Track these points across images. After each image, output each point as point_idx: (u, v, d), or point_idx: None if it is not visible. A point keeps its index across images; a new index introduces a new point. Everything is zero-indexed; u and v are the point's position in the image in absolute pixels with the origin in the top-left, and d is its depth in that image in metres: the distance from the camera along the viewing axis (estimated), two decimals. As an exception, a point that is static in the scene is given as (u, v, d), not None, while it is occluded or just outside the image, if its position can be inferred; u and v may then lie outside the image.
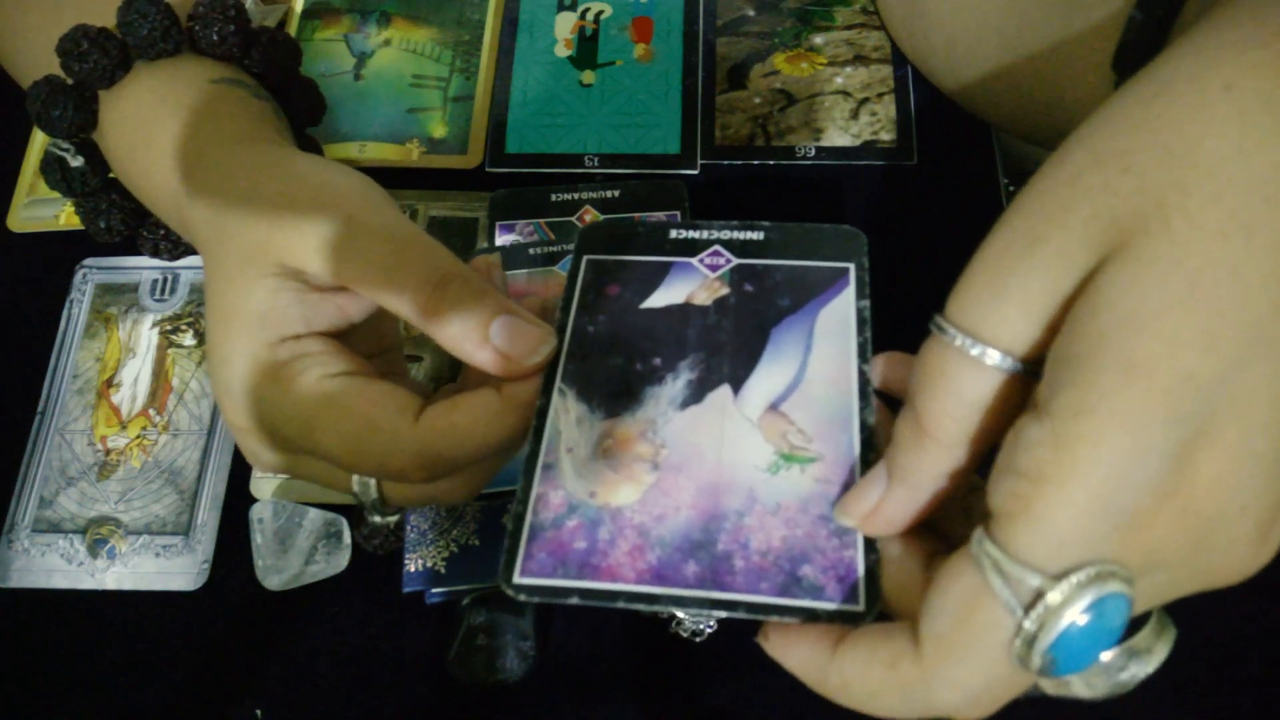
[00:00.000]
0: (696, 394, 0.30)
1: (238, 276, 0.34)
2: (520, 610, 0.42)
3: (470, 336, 0.32)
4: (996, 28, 0.44)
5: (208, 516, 0.46)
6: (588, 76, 0.56)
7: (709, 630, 0.42)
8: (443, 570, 0.44)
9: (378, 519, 0.36)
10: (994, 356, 0.24)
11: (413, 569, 0.44)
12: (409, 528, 0.45)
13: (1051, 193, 0.24)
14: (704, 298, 0.33)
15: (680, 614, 0.42)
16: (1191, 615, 0.27)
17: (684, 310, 0.32)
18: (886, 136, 0.53)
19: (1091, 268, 0.23)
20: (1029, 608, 0.22)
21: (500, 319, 0.31)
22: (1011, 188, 0.51)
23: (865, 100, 0.54)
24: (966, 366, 0.24)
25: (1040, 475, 0.22)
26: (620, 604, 0.26)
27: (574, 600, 0.27)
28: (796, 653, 0.26)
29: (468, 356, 0.32)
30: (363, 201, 0.34)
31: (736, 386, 0.30)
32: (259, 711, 0.43)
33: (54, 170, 0.43)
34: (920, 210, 0.52)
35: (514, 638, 0.42)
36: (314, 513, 0.46)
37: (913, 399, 0.25)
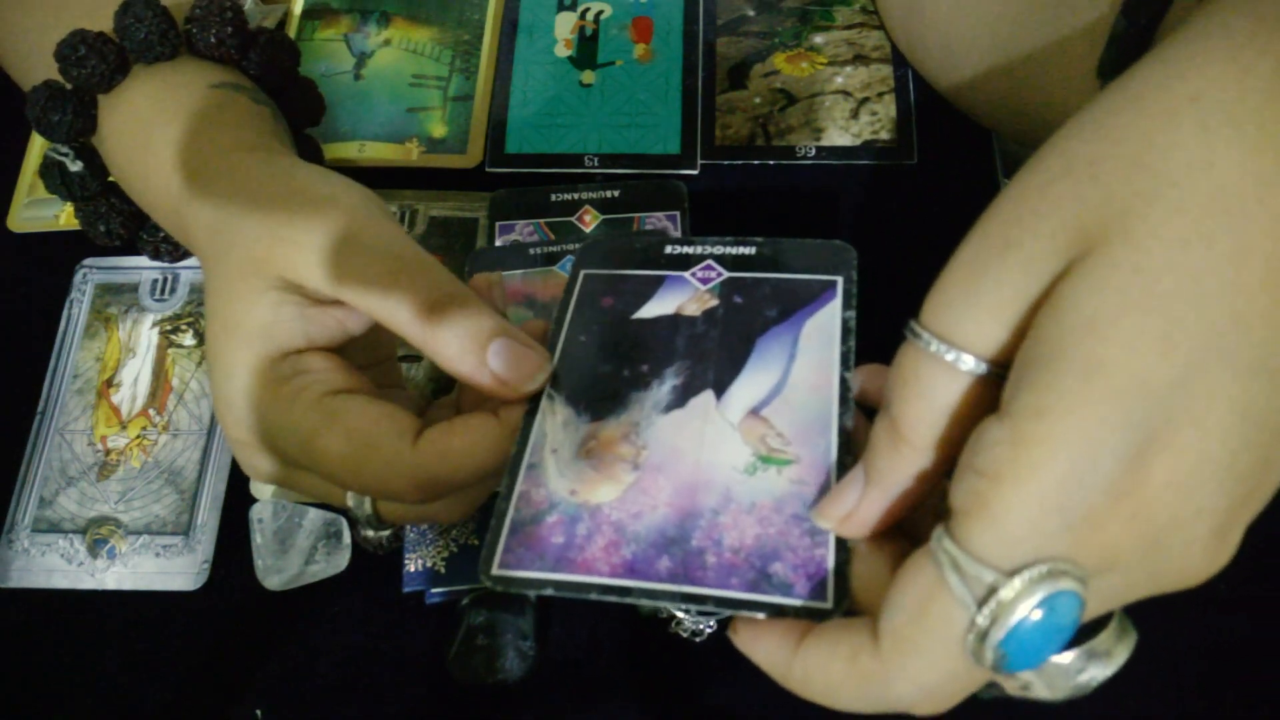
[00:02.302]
0: (680, 399, 0.31)
1: (240, 289, 0.34)
2: (520, 610, 0.42)
3: (467, 360, 0.32)
4: (990, 31, 0.44)
5: (208, 516, 0.46)
6: (588, 76, 0.56)
7: (709, 630, 0.42)
8: (443, 570, 0.44)
9: (370, 533, 0.36)
10: (968, 362, 0.24)
11: (413, 569, 0.44)
12: (409, 528, 0.45)
13: (1023, 199, 0.24)
14: (694, 309, 0.33)
15: (680, 614, 0.42)
16: (1151, 618, 0.27)
17: (673, 320, 0.33)
18: (886, 136, 0.53)
19: (1058, 273, 0.23)
20: (982, 603, 0.23)
21: (497, 342, 0.32)
22: (1011, 187, 0.51)
23: (865, 100, 0.54)
24: (940, 371, 0.25)
25: (998, 474, 0.22)
26: (593, 596, 0.27)
27: (549, 591, 0.27)
28: (763, 646, 0.27)
29: (464, 379, 0.32)
30: (363, 217, 0.34)
31: (720, 392, 0.31)
32: (259, 711, 0.43)
33: (53, 174, 0.43)
34: (920, 210, 0.52)
35: (514, 638, 0.42)
36: (314, 513, 0.46)
37: (889, 404, 0.26)
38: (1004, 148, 0.52)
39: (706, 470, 0.29)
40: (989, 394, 0.24)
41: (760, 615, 0.27)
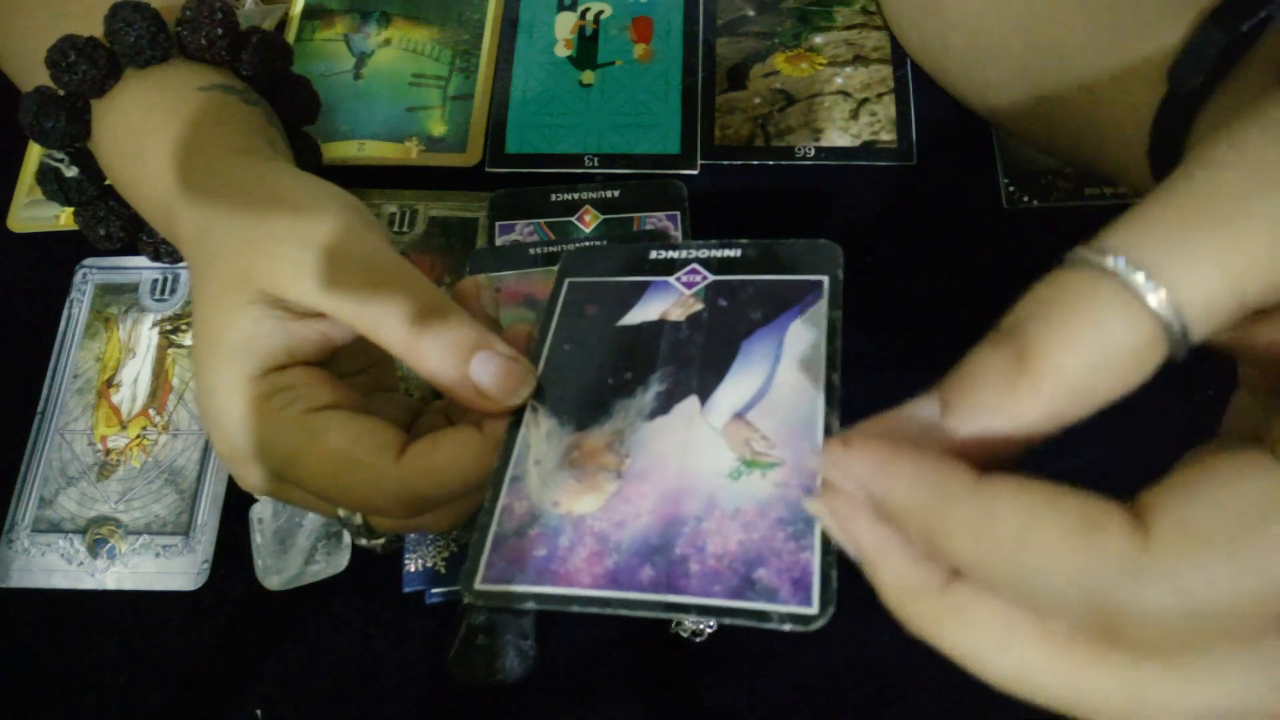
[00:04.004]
0: (664, 405, 0.31)
1: (221, 303, 0.34)
2: (520, 610, 0.42)
3: (449, 373, 0.32)
4: (1027, 32, 0.42)
5: (208, 516, 0.46)
6: (588, 76, 0.56)
7: (709, 630, 0.43)
8: (443, 570, 0.44)
9: (363, 542, 0.36)
10: (1161, 304, 0.18)
11: (413, 569, 0.44)
12: (409, 528, 0.45)
13: None
14: (678, 314, 0.33)
15: (688, 621, 0.42)
16: None
17: (658, 326, 0.33)
18: (886, 137, 0.53)
19: None
20: None
21: (480, 355, 0.31)
22: (1011, 188, 0.51)
23: (865, 100, 0.54)
24: (1120, 306, 0.19)
25: None
26: (575, 608, 0.27)
27: (530, 605, 0.27)
28: (904, 461, 0.21)
29: (447, 392, 0.32)
30: (344, 227, 0.34)
31: (704, 397, 0.31)
32: (259, 711, 0.43)
33: (50, 180, 0.43)
34: (920, 210, 0.52)
35: (514, 638, 0.42)
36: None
37: (1020, 332, 0.20)
38: (1004, 147, 0.52)
39: (690, 477, 0.29)
40: (1140, 366, 0.19)
41: (744, 623, 0.26)
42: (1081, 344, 0.19)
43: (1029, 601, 0.20)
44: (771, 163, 0.53)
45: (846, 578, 0.26)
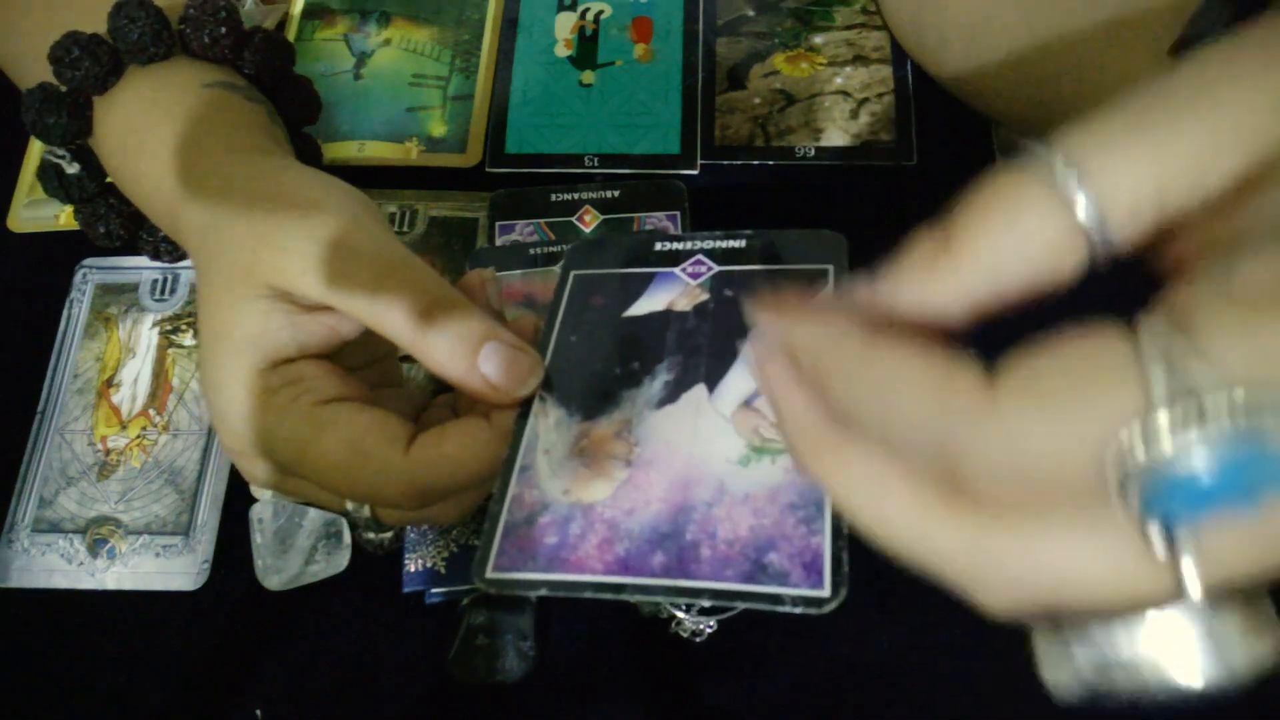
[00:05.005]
0: (672, 394, 0.31)
1: (227, 297, 0.34)
2: (520, 610, 0.42)
3: (458, 364, 0.32)
4: (1028, 20, 0.42)
5: (208, 516, 0.46)
6: (587, 76, 0.56)
7: (709, 630, 0.42)
8: (443, 570, 0.44)
9: (371, 535, 0.36)
10: (1086, 209, 0.20)
11: (413, 569, 0.44)
12: (409, 528, 0.45)
13: (1237, 60, 0.20)
14: (684, 304, 0.33)
15: (679, 613, 0.42)
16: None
17: (664, 316, 0.33)
18: (886, 136, 0.53)
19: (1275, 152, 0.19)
20: (1174, 400, 0.18)
21: (488, 346, 0.32)
22: (1011, 188, 0.51)
23: (865, 100, 0.54)
24: (1043, 204, 0.20)
25: (1272, 295, 0.18)
26: (587, 594, 0.27)
27: (542, 591, 0.27)
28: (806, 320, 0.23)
29: (456, 383, 0.32)
30: (351, 220, 0.34)
31: (712, 385, 0.31)
32: (259, 711, 0.43)
33: (51, 177, 0.43)
34: (920, 210, 0.51)
35: (514, 638, 0.42)
36: (314, 513, 0.46)
37: (952, 217, 0.22)
38: (1004, 147, 0.52)
39: (699, 464, 0.29)
40: (1056, 260, 0.20)
41: (757, 607, 0.26)
42: (997, 230, 0.21)
43: (889, 443, 0.21)
44: (771, 163, 0.53)
45: (854, 568, 0.26)
